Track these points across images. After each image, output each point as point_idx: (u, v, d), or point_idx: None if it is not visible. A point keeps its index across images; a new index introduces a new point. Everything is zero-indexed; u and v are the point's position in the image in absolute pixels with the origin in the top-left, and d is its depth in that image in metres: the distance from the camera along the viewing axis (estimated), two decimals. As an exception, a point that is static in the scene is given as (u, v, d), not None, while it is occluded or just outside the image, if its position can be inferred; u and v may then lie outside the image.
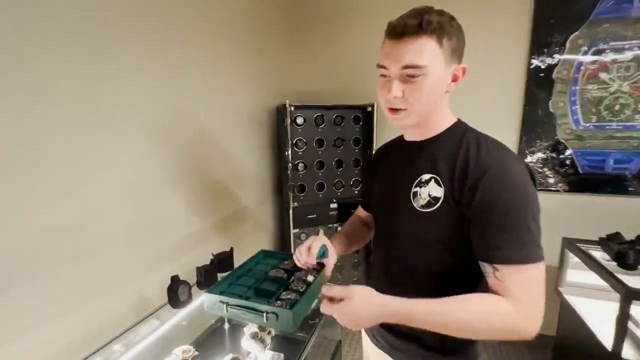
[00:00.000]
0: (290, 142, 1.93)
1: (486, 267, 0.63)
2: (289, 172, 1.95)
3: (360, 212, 1.05)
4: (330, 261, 0.88)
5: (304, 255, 0.85)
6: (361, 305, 0.61)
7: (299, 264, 0.89)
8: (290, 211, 2.00)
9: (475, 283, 0.69)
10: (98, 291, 1.04)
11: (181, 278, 1.06)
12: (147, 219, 1.22)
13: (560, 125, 1.88)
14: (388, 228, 0.81)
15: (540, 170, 1.95)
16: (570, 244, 1.58)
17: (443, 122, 0.73)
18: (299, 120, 1.94)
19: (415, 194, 0.71)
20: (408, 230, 0.74)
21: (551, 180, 1.94)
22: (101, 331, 1.01)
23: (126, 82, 1.10)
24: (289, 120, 1.89)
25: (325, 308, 0.64)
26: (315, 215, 2.09)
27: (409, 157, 0.76)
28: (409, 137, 0.78)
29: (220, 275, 1.14)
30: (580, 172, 1.89)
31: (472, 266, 0.66)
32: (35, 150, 0.86)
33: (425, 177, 0.70)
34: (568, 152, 1.89)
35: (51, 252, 0.91)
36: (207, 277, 1.07)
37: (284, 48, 2.23)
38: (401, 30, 0.62)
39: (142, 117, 1.17)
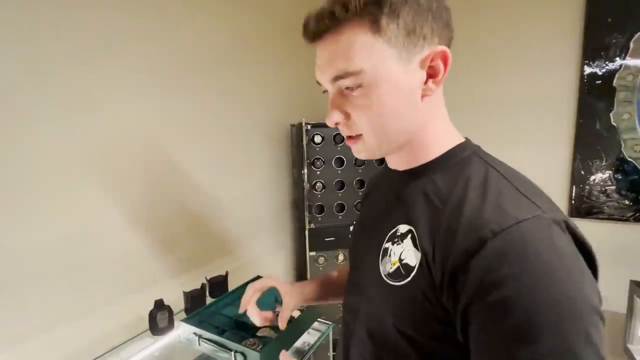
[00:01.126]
0: (307, 161, 1.87)
1: None
2: (305, 192, 1.89)
3: None
4: (285, 307, 0.63)
5: (252, 312, 0.63)
6: None
7: (256, 323, 0.65)
8: (307, 232, 1.92)
9: None
10: (93, 307, 1.05)
11: (180, 302, 1.04)
12: (156, 235, 1.23)
13: (626, 141, 1.56)
14: (352, 293, 0.57)
15: (602, 195, 1.63)
16: (641, 290, 1.26)
17: (435, 143, 0.48)
18: (317, 139, 1.88)
19: (385, 251, 0.47)
20: (368, 307, 0.50)
21: (617, 208, 1.60)
22: (92, 347, 1.01)
23: (134, 97, 1.14)
24: (305, 139, 1.85)
25: None
26: (333, 238, 1.98)
27: (388, 193, 0.54)
28: (391, 165, 0.54)
29: (210, 301, 1.09)
30: (657, 198, 1.53)
31: None
32: (33, 168, 0.91)
33: (403, 228, 0.46)
34: (638, 173, 1.55)
35: (43, 267, 0.93)
36: (194, 303, 1.03)
37: (302, 66, 2.22)
38: (314, 26, 0.42)
39: (152, 133, 1.20)
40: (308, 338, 0.99)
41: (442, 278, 0.38)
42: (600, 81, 1.58)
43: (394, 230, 0.47)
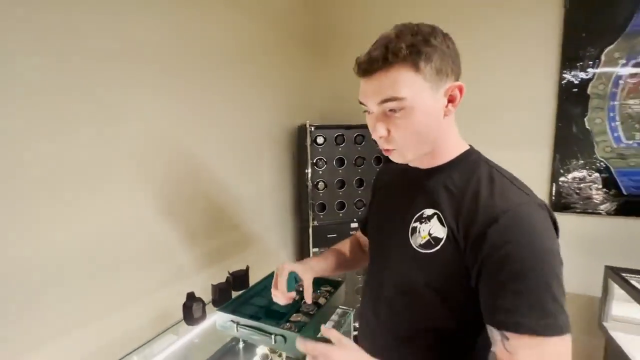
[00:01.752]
0: (311, 161, 1.96)
1: (494, 333, 0.52)
2: (308, 190, 1.97)
3: (360, 235, 1.00)
4: (306, 284, 0.79)
5: (279, 295, 0.76)
6: (343, 358, 0.53)
7: (281, 303, 0.79)
8: (310, 230, 2.00)
9: (478, 346, 0.60)
10: (117, 305, 1.09)
11: (200, 295, 1.09)
12: (168, 236, 1.27)
13: (598, 143, 1.75)
14: (380, 264, 0.72)
15: (577, 191, 1.82)
16: (614, 274, 1.43)
17: (450, 149, 0.64)
18: (320, 140, 1.97)
19: (414, 229, 0.62)
20: (401, 271, 0.65)
21: (591, 203, 1.79)
22: (120, 344, 1.05)
23: (152, 101, 1.18)
24: (309, 140, 1.93)
25: (321, 350, 0.55)
26: (335, 235, 2.07)
27: (411, 185, 0.68)
28: (413, 163, 0.69)
29: (235, 294, 1.16)
30: (625, 193, 1.73)
31: (475, 326, 0.57)
32: (65, 168, 0.95)
33: (428, 212, 0.61)
34: (609, 172, 1.75)
35: (72, 267, 0.96)
36: (222, 295, 1.09)
37: (305, 69, 2.31)
38: (366, 67, 0.57)
39: (164, 139, 1.25)
40: (330, 324, 1.07)
41: (466, 244, 0.55)
42: (576, 89, 1.76)
43: (420, 213, 0.63)
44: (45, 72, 0.88)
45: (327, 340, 0.57)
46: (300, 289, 0.83)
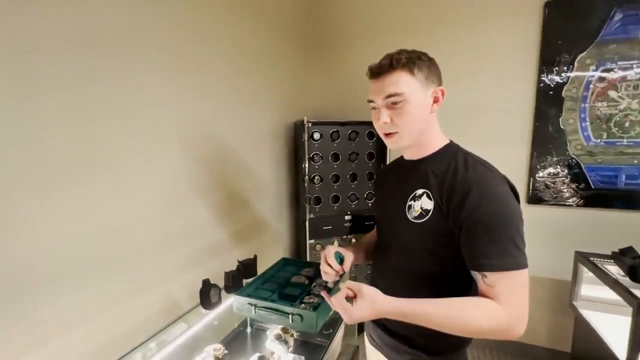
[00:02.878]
0: (307, 156, 2.02)
1: (476, 275, 0.70)
2: (305, 185, 2.04)
3: (374, 231, 1.10)
4: (347, 260, 0.91)
5: (329, 271, 0.88)
6: (368, 305, 0.68)
7: (330, 279, 0.90)
8: (307, 222, 2.07)
9: (465, 287, 0.77)
10: (128, 296, 1.12)
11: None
12: (174, 229, 1.30)
13: (571, 141, 1.93)
14: (386, 237, 0.91)
15: (552, 185, 1.99)
16: (583, 258, 1.60)
17: (435, 142, 0.82)
18: (316, 136, 2.04)
19: (409, 206, 0.81)
20: (402, 239, 0.83)
21: (564, 195, 1.97)
22: (133, 332, 1.09)
23: (158, 99, 1.21)
24: (306, 136, 1.99)
25: (339, 303, 0.70)
26: (330, 227, 2.16)
27: (406, 173, 0.86)
28: (407, 157, 0.88)
29: (245, 281, 1.22)
30: (593, 187, 1.91)
31: (461, 273, 0.74)
32: (77, 163, 0.97)
33: (419, 191, 0.79)
34: (579, 167, 1.93)
35: (88, 257, 1.00)
36: (234, 281, 1.14)
37: (302, 67, 2.36)
38: (377, 70, 0.77)
39: (172, 134, 1.28)
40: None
41: (449, 210, 0.72)
42: (552, 92, 1.93)
43: (413, 193, 0.80)
44: (58, 66, 0.90)
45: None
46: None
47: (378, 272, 0.93)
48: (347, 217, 2.20)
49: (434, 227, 0.74)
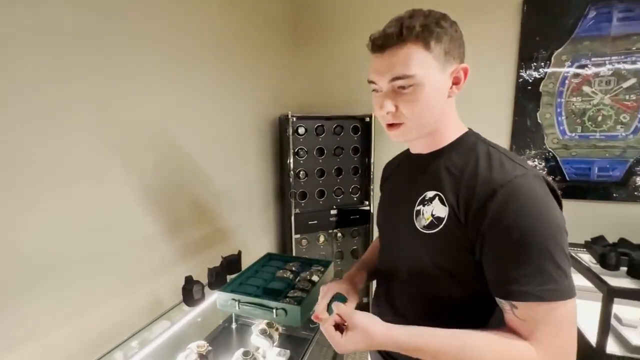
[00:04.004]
0: (292, 151, 2.02)
1: (504, 304, 0.55)
2: (290, 179, 2.04)
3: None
4: (348, 308, 0.69)
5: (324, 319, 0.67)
6: (360, 338, 0.56)
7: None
8: (292, 217, 2.07)
9: (487, 317, 0.62)
10: (109, 294, 1.09)
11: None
12: (157, 225, 1.28)
13: (548, 135, 1.99)
14: (389, 248, 0.75)
15: (530, 177, 2.05)
16: (558, 248, 1.66)
17: (451, 132, 0.66)
18: (301, 130, 2.03)
19: (418, 212, 0.64)
20: (408, 253, 0.67)
21: (540, 187, 2.04)
22: (116, 331, 1.07)
23: (140, 93, 1.18)
24: (291, 130, 1.98)
25: (327, 333, 0.60)
26: (316, 222, 2.16)
27: (414, 171, 0.70)
28: (414, 150, 0.72)
29: (229, 277, 1.21)
30: (568, 179, 1.99)
31: (484, 299, 0.58)
32: (53, 157, 0.94)
33: (430, 194, 0.63)
34: (556, 160, 2.00)
35: (65, 256, 0.96)
36: (217, 278, 1.14)
37: (286, 61, 2.34)
38: (382, 42, 0.59)
39: (150, 128, 1.25)
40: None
41: (467, 218, 0.56)
42: (530, 87, 1.98)
43: (422, 196, 0.64)
44: (33, 65, 0.86)
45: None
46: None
47: (383, 292, 0.76)
48: (332, 212, 2.21)
49: (449, 240, 0.58)
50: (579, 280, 1.51)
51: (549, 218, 0.52)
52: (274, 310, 0.93)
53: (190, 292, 1.02)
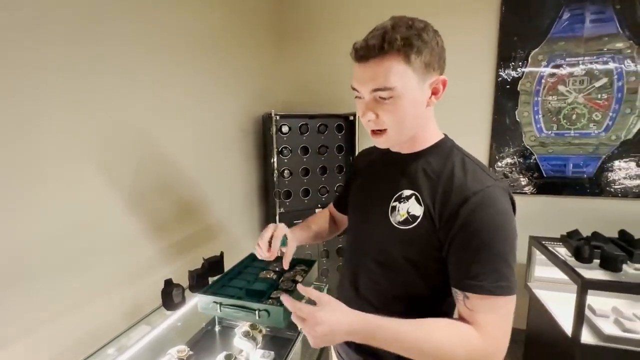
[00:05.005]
0: (276, 149, 2.00)
1: (457, 294, 0.62)
2: (275, 178, 2.01)
3: (331, 208, 1.06)
4: (289, 250, 0.87)
5: (263, 248, 0.83)
6: (329, 318, 0.57)
7: (260, 257, 0.87)
8: (277, 217, 2.05)
9: (444, 308, 0.70)
10: (87, 298, 1.05)
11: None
12: (137, 227, 1.24)
13: (526, 133, 2.05)
14: (360, 238, 0.79)
15: (509, 174, 2.11)
16: (536, 242, 1.72)
17: (429, 136, 0.71)
18: (284, 129, 2.01)
19: (393, 208, 0.69)
20: (380, 245, 0.71)
21: (519, 184, 2.10)
22: (92, 338, 1.03)
23: (120, 91, 1.14)
24: (274, 129, 1.96)
25: (296, 319, 0.61)
26: (300, 221, 2.14)
27: (392, 168, 0.74)
28: (394, 148, 0.76)
29: (211, 279, 1.18)
30: (545, 175, 2.05)
31: (444, 292, 0.66)
32: (25, 156, 0.89)
33: (407, 192, 0.68)
34: (533, 157, 2.06)
35: (40, 259, 0.92)
36: (198, 280, 1.11)
37: (270, 59, 2.31)
38: (364, 53, 0.61)
39: (128, 126, 1.20)
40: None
41: (440, 221, 0.63)
42: (509, 86, 2.03)
43: (399, 193, 0.69)
44: (4, 62, 0.81)
45: (310, 301, 0.62)
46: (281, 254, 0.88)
47: (349, 275, 0.81)
48: (317, 211, 2.19)
49: (422, 237, 0.64)
50: (556, 273, 1.57)
51: (507, 227, 0.60)
52: (257, 312, 0.91)
53: (169, 296, 0.99)
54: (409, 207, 0.67)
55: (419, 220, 0.65)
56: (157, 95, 1.31)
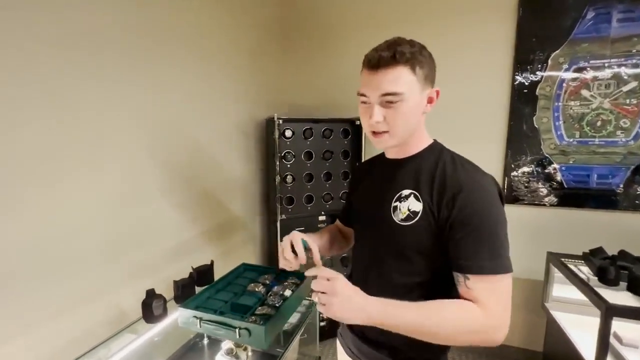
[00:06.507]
0: (279, 154, 1.94)
1: (459, 277, 0.67)
2: (276, 184, 1.96)
3: (339, 224, 1.06)
4: (314, 248, 0.83)
5: (290, 258, 0.81)
6: (345, 291, 0.63)
7: (290, 269, 0.84)
8: (278, 223, 1.99)
9: (449, 292, 0.72)
10: (71, 305, 1.02)
11: (164, 291, 1.05)
12: (129, 231, 1.21)
13: (544, 140, 1.91)
14: (368, 240, 0.84)
15: (525, 184, 1.97)
16: (554, 259, 1.58)
17: (421, 142, 0.79)
18: (288, 133, 1.96)
19: (395, 208, 0.75)
20: (388, 242, 0.77)
21: (537, 195, 1.96)
22: (74, 345, 0.99)
23: (112, 91, 1.11)
24: (277, 133, 1.91)
25: (316, 285, 0.65)
26: (303, 228, 2.08)
27: (389, 174, 0.81)
28: (390, 155, 0.83)
29: (199, 290, 1.13)
30: (566, 186, 1.90)
31: (448, 275, 0.70)
32: (12, 164, 0.87)
33: (405, 192, 0.75)
34: (553, 166, 1.91)
35: (21, 265, 0.90)
36: (184, 291, 1.05)
37: (276, 62, 2.27)
38: (377, 62, 0.69)
39: (125, 126, 1.18)
40: (295, 317, 1.08)
41: (439, 210, 0.69)
42: (526, 90, 1.90)
43: (398, 194, 0.76)
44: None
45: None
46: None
47: (362, 280, 0.82)
48: (321, 218, 2.13)
49: (425, 229, 0.71)
50: (576, 293, 1.43)
51: (498, 211, 0.67)
52: (237, 330, 0.84)
53: (149, 308, 0.94)
54: (409, 205, 0.73)
55: (419, 215, 0.71)
56: (158, 98, 1.28)
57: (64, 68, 0.97)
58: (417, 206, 0.72)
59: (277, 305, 0.96)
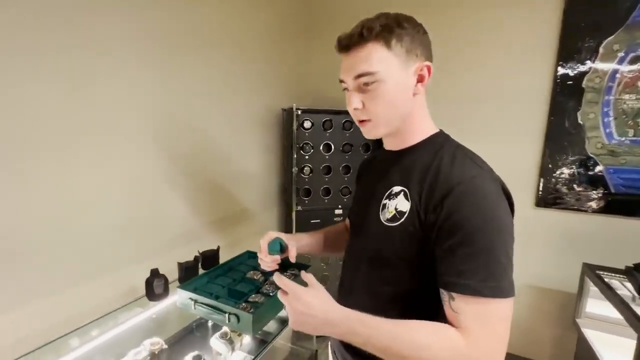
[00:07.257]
0: (297, 145, 1.93)
1: (444, 295, 0.56)
2: (293, 175, 1.96)
3: (347, 223, 1.01)
4: (291, 251, 0.83)
5: (265, 258, 0.82)
6: (299, 306, 0.55)
7: (267, 269, 0.84)
8: (294, 214, 2.00)
9: (433, 310, 0.61)
10: (85, 277, 1.09)
11: (173, 272, 1.09)
12: (148, 214, 1.27)
13: (590, 138, 1.71)
14: (356, 240, 0.78)
15: (565, 187, 1.78)
16: (590, 271, 1.42)
17: (420, 131, 0.68)
18: (307, 124, 1.94)
19: (384, 206, 0.68)
20: (371, 244, 0.70)
21: (577, 200, 1.76)
22: (84, 315, 1.06)
23: (129, 79, 1.16)
24: (295, 124, 1.90)
25: (280, 294, 0.60)
26: (319, 220, 2.07)
27: (384, 167, 0.73)
28: (387, 147, 0.74)
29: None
30: (613, 191, 1.69)
31: (432, 292, 0.59)
32: (32, 142, 0.94)
33: (396, 189, 0.66)
34: (599, 168, 1.71)
35: (40, 238, 0.97)
36: (188, 273, 1.09)
37: (297, 50, 2.25)
38: (346, 42, 0.64)
39: (144, 113, 1.23)
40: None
41: (426, 214, 0.59)
42: (571, 82, 1.71)
43: (389, 190, 0.68)
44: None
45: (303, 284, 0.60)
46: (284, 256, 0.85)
47: (348, 284, 0.78)
48: (337, 212, 2.10)
49: (410, 233, 0.61)
50: (613, 310, 1.27)
51: (495, 219, 0.55)
52: (227, 316, 0.86)
53: (151, 286, 0.99)
54: (397, 204, 0.65)
55: (405, 216, 0.62)
56: (177, 85, 1.32)
57: (71, 54, 1.02)
58: (404, 206, 0.62)
59: (270, 294, 0.96)
